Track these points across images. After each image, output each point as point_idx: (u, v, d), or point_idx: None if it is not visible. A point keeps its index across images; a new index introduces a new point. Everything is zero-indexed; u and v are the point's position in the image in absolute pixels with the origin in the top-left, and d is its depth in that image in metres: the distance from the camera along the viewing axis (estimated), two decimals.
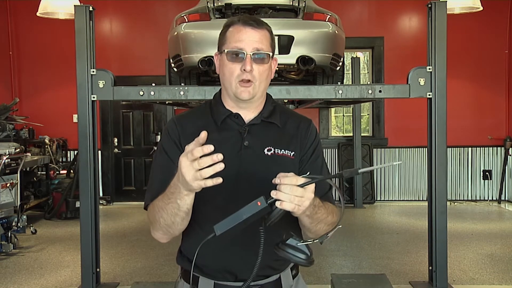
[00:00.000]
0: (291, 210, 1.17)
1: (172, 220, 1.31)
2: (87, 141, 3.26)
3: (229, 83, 1.43)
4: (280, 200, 1.16)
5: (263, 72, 1.42)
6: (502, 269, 4.26)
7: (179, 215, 1.29)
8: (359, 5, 7.62)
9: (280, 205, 1.16)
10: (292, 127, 1.49)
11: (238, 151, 1.42)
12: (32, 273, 4.26)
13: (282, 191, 1.16)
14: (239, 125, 1.45)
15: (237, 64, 1.40)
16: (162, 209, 1.31)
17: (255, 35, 1.40)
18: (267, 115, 1.47)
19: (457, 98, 7.06)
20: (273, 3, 3.92)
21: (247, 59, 1.38)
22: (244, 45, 1.39)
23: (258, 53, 1.40)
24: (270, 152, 1.42)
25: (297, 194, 1.16)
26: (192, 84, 4.01)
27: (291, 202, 1.16)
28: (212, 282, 1.44)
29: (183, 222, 1.33)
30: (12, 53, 7.50)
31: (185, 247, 1.49)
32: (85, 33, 3.23)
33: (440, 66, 3.23)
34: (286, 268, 1.48)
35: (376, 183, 7.62)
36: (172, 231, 1.36)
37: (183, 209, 1.27)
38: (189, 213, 1.31)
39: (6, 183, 5.02)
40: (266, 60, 1.42)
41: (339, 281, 3.41)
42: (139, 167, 7.72)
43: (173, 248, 1.57)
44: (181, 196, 1.24)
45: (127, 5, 7.53)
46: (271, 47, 1.45)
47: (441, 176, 3.27)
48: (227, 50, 1.41)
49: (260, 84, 1.42)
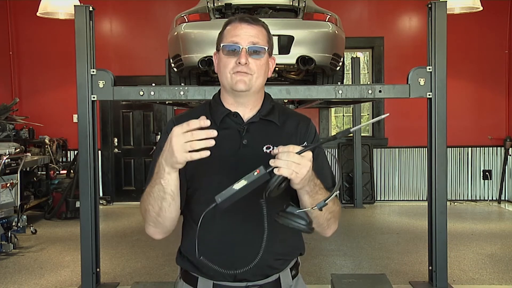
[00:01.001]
0: (289, 176, 1.18)
1: (159, 205, 1.31)
2: (87, 141, 3.26)
3: (224, 76, 1.43)
4: (278, 167, 1.17)
5: (260, 67, 1.42)
6: (502, 269, 4.26)
7: (165, 198, 1.29)
8: (359, 5, 7.62)
9: (278, 171, 1.17)
10: (291, 126, 1.49)
11: (237, 150, 1.42)
12: (32, 273, 4.26)
13: (280, 158, 1.18)
14: (237, 123, 1.45)
15: (232, 58, 1.41)
16: (149, 194, 1.32)
17: (251, 30, 1.41)
18: (266, 113, 1.48)
19: (457, 98, 7.07)
20: (273, 3, 3.92)
21: (242, 52, 1.39)
22: (239, 39, 1.40)
23: (253, 46, 1.40)
24: (269, 150, 1.42)
25: (294, 160, 1.18)
26: (192, 84, 4.01)
27: (288, 167, 1.17)
28: (211, 283, 1.44)
29: (170, 209, 1.31)
30: (12, 53, 7.50)
31: (184, 247, 1.50)
32: (85, 33, 3.23)
33: (440, 66, 3.23)
34: (285, 268, 1.48)
35: (376, 183, 7.62)
36: (162, 221, 1.35)
37: (168, 191, 1.27)
38: (175, 198, 1.30)
39: (6, 183, 5.02)
40: (262, 54, 1.42)
41: (339, 281, 3.41)
42: (139, 167, 7.72)
43: (173, 248, 1.58)
44: (164, 175, 1.25)
45: (127, 5, 7.53)
46: (268, 43, 1.45)
47: (441, 176, 3.27)
48: (223, 45, 1.43)
49: (257, 78, 1.42)
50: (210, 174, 1.40)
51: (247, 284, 1.43)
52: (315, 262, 4.41)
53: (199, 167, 1.39)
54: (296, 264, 1.53)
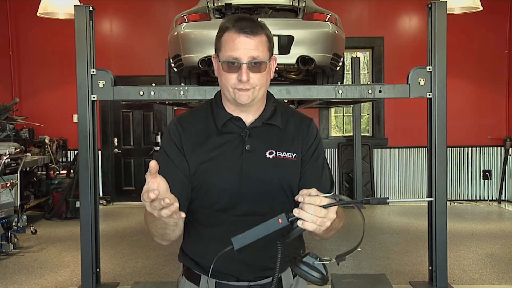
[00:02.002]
0: (313, 230, 1.15)
1: (163, 232, 1.34)
2: (87, 141, 3.26)
3: (227, 90, 1.41)
4: (302, 220, 1.13)
5: (261, 78, 1.39)
6: (502, 269, 4.26)
7: (168, 228, 1.32)
8: (359, 5, 7.62)
9: (302, 225, 1.13)
10: (293, 127, 1.48)
11: (239, 155, 1.41)
12: (32, 273, 4.26)
13: (306, 211, 1.12)
14: (240, 128, 1.44)
15: (233, 74, 1.37)
16: (152, 223, 1.34)
17: (250, 43, 1.35)
18: (268, 117, 1.46)
19: (457, 98, 7.07)
20: (273, 3, 3.92)
21: (243, 69, 1.35)
22: (239, 54, 1.35)
23: (254, 61, 1.36)
24: (271, 156, 1.41)
25: (320, 215, 1.12)
26: (192, 84, 4.01)
27: (313, 222, 1.13)
28: (214, 281, 1.44)
29: (175, 232, 1.35)
30: (12, 53, 7.50)
31: (186, 245, 1.50)
32: (85, 33, 3.23)
33: (440, 66, 3.23)
34: (287, 267, 1.48)
35: (376, 183, 7.62)
36: (167, 238, 1.39)
37: (170, 224, 1.30)
38: (178, 225, 1.33)
39: (6, 183, 5.02)
40: (263, 68, 1.38)
41: (339, 281, 3.41)
42: (139, 167, 7.72)
43: (173, 248, 1.58)
44: None
45: (127, 5, 7.52)
46: (269, 51, 1.40)
47: (441, 176, 3.27)
48: (222, 60, 1.38)
49: (260, 89, 1.40)
50: (214, 179, 1.40)
51: (249, 284, 1.43)
52: None
53: (203, 172, 1.40)
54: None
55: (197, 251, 1.45)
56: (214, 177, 1.39)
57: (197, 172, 1.40)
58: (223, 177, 1.39)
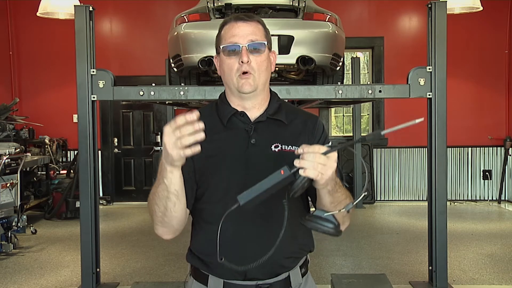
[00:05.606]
0: (315, 177, 1.16)
1: (164, 205, 1.31)
2: (87, 141, 3.26)
3: (230, 78, 1.44)
4: (303, 168, 1.15)
5: (261, 63, 1.43)
6: (502, 269, 4.26)
7: (170, 198, 1.29)
8: (359, 5, 7.62)
9: (303, 173, 1.15)
10: (299, 123, 1.49)
11: (245, 149, 1.42)
12: (32, 273, 4.26)
13: (306, 159, 1.15)
14: (245, 123, 1.45)
15: (234, 59, 1.42)
16: (154, 194, 1.32)
17: (247, 28, 1.43)
18: (273, 112, 1.48)
19: (457, 98, 7.07)
20: (273, 3, 3.92)
21: (243, 51, 1.40)
22: (238, 39, 1.41)
23: (253, 43, 1.42)
24: (277, 149, 1.42)
25: (320, 161, 1.15)
26: (192, 84, 4.01)
27: (314, 169, 1.15)
28: (222, 281, 1.44)
29: (175, 208, 1.32)
30: (12, 53, 7.50)
31: (194, 245, 1.49)
32: (85, 33, 3.23)
33: (440, 66, 3.23)
34: (295, 266, 1.48)
35: (376, 183, 7.62)
36: (168, 221, 1.35)
37: (171, 190, 1.28)
38: (179, 198, 1.31)
39: (6, 183, 5.03)
40: (262, 50, 1.43)
41: (339, 281, 3.41)
42: (139, 167, 7.72)
43: (173, 248, 1.58)
44: (166, 174, 1.25)
45: (127, 5, 7.53)
46: (266, 37, 1.46)
47: (441, 176, 3.27)
48: (223, 46, 1.44)
49: (259, 75, 1.43)
50: (220, 174, 1.40)
51: (257, 283, 1.43)
52: (315, 262, 4.41)
53: (208, 167, 1.40)
54: (306, 262, 1.53)
55: (205, 250, 1.44)
56: (220, 171, 1.40)
57: (203, 167, 1.40)
58: (229, 171, 1.40)
